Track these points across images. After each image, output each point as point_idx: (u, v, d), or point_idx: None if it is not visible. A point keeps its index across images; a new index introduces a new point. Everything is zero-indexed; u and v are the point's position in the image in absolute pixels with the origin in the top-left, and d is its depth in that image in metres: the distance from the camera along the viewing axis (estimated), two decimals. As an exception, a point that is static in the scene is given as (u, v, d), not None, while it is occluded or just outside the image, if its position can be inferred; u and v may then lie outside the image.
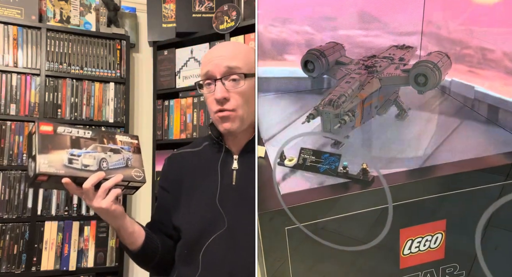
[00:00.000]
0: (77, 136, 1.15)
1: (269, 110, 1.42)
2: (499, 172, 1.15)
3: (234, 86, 1.14)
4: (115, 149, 1.18)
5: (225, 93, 1.13)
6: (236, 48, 1.19)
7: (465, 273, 1.16)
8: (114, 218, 1.15)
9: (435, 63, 1.18)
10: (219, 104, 1.14)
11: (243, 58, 1.16)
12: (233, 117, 1.15)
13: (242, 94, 1.14)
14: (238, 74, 1.13)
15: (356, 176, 1.19)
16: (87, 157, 1.12)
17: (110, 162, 1.16)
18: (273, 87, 1.55)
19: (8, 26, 2.66)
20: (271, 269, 1.15)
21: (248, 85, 1.15)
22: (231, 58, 1.14)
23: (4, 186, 2.60)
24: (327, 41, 1.37)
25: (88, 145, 1.15)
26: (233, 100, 1.14)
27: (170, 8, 2.94)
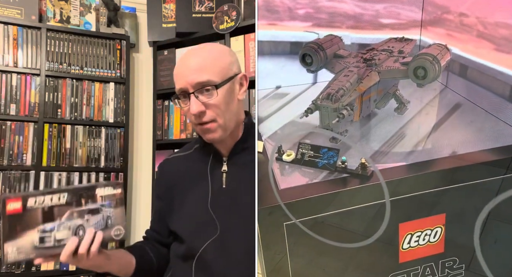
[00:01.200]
0: (50, 206, 1.05)
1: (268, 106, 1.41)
2: (499, 165, 1.15)
3: (209, 98, 1.11)
4: (93, 210, 1.09)
5: (201, 107, 1.10)
6: (204, 58, 1.14)
7: (464, 266, 1.15)
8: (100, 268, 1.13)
9: (434, 55, 1.17)
10: (197, 118, 1.12)
11: (212, 67, 1.12)
12: (214, 128, 1.13)
13: (219, 103, 1.11)
14: (210, 86, 1.10)
15: (355, 171, 1.19)
16: (61, 229, 1.03)
17: (88, 226, 1.07)
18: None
19: (8, 26, 2.66)
20: (271, 263, 1.15)
21: (223, 91, 1.12)
22: (200, 72, 1.11)
23: (4, 186, 2.60)
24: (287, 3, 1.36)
25: (62, 214, 1.05)
26: (209, 112, 1.11)
27: (170, 8, 2.94)
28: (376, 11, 1.54)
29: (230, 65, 1.16)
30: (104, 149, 2.85)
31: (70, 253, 1.01)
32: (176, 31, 2.84)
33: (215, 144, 1.20)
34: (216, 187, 1.17)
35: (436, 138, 1.27)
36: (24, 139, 2.64)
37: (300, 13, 1.53)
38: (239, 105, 1.19)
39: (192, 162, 1.26)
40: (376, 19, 1.54)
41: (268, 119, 1.39)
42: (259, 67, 1.44)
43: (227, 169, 1.18)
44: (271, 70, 1.49)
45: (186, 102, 1.13)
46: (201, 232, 1.15)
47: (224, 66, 1.14)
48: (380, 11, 1.54)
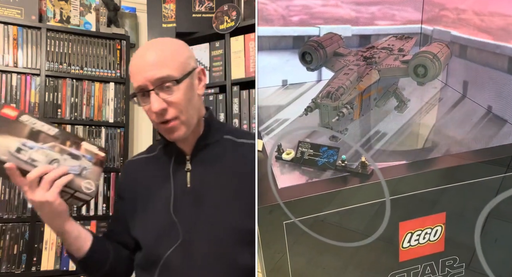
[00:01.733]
0: (39, 130, 1.06)
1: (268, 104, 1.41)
2: (499, 164, 1.14)
3: (170, 94, 1.05)
4: (74, 155, 1.08)
5: (162, 104, 1.04)
6: (162, 52, 1.08)
7: (465, 265, 1.15)
8: (57, 216, 1.05)
9: (435, 53, 1.16)
10: (160, 116, 1.06)
11: (171, 62, 1.07)
12: (178, 126, 1.08)
13: (180, 100, 1.06)
14: (171, 81, 1.05)
15: (355, 170, 1.18)
16: (39, 152, 1.04)
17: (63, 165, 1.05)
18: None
19: (8, 26, 2.66)
20: (271, 262, 1.14)
21: (184, 87, 1.07)
22: (159, 67, 1.05)
23: (4, 186, 2.59)
24: (280, 11, 1.36)
25: (47, 142, 1.06)
26: (172, 109, 1.06)
27: (170, 8, 2.93)
28: (372, 13, 1.54)
29: (188, 59, 1.10)
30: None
31: (38, 175, 1.00)
32: (176, 31, 2.84)
33: (177, 142, 1.15)
34: (180, 187, 1.12)
35: (436, 137, 1.27)
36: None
37: (294, 20, 1.53)
38: (199, 101, 1.14)
39: (155, 164, 1.20)
40: (371, 22, 1.54)
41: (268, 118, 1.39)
42: (263, 62, 1.42)
43: (191, 168, 1.13)
44: (276, 65, 1.47)
45: (146, 100, 1.07)
46: (163, 239, 1.09)
47: (183, 61, 1.09)
48: (375, 13, 1.54)
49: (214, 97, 2.63)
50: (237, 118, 2.52)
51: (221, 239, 1.05)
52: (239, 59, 2.58)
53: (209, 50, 2.72)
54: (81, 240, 1.10)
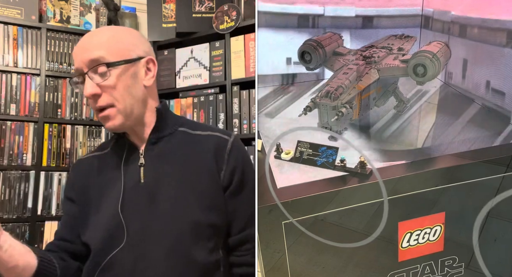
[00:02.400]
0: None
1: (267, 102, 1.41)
2: (499, 163, 1.14)
3: (103, 77, 0.99)
4: None
5: (94, 88, 0.98)
6: (99, 36, 1.03)
7: (464, 265, 1.14)
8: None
9: (434, 53, 1.16)
10: (94, 102, 1.00)
11: (106, 45, 1.01)
12: (113, 114, 1.01)
13: (113, 85, 0.99)
14: (101, 64, 0.99)
15: (354, 169, 1.18)
16: None
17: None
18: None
19: (8, 26, 2.66)
20: (270, 261, 1.14)
21: (120, 73, 1.01)
22: (93, 49, 0.99)
23: (4, 186, 2.59)
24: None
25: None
26: (105, 95, 0.99)
27: (170, 8, 2.93)
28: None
29: (131, 46, 1.04)
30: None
31: None
32: (176, 31, 2.84)
33: (129, 136, 1.09)
34: (131, 183, 1.04)
35: (435, 136, 1.26)
36: (24, 139, 2.64)
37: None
38: (147, 92, 1.07)
39: (107, 161, 1.12)
40: (375, 3, 1.50)
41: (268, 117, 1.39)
42: (267, 38, 1.39)
43: (144, 162, 1.06)
44: (280, 42, 1.44)
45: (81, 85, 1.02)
46: (108, 240, 1.01)
47: (123, 47, 1.03)
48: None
49: (214, 97, 2.63)
50: (237, 118, 2.52)
51: (177, 236, 0.99)
52: (239, 59, 2.58)
53: (209, 50, 2.73)
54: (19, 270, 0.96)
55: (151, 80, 1.07)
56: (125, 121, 1.02)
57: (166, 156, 1.06)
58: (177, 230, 0.99)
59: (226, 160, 1.05)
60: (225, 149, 1.06)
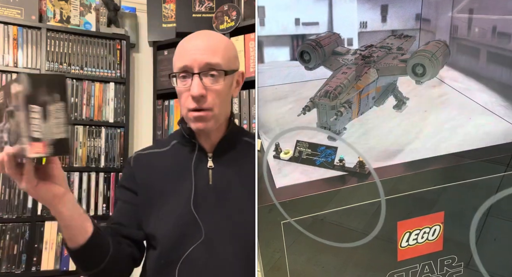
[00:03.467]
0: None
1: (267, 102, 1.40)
2: (499, 162, 1.14)
3: (213, 83, 1.05)
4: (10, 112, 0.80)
5: (203, 89, 1.04)
6: (216, 42, 1.09)
7: (463, 264, 1.14)
8: (47, 203, 0.92)
9: (433, 52, 1.16)
10: (195, 102, 1.05)
11: (223, 53, 1.08)
12: (209, 117, 1.07)
13: (220, 92, 1.07)
14: (218, 70, 1.05)
15: (353, 169, 1.18)
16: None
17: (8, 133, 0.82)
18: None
19: (8, 26, 2.66)
20: (270, 260, 1.14)
21: (227, 82, 1.09)
22: (211, 53, 1.05)
23: (4, 186, 2.60)
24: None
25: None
26: (210, 98, 1.06)
27: (170, 8, 2.94)
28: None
29: (235, 58, 1.14)
30: (104, 149, 2.85)
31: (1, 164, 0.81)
32: (176, 31, 2.85)
33: (199, 137, 1.14)
34: (201, 184, 1.11)
35: (435, 136, 1.26)
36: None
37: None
38: (230, 102, 1.17)
39: (171, 159, 1.17)
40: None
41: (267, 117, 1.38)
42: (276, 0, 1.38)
43: (214, 166, 1.13)
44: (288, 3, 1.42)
45: (185, 82, 1.06)
46: (184, 236, 1.07)
47: (232, 57, 1.11)
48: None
49: (214, 97, 2.63)
50: (237, 118, 2.52)
51: (244, 239, 1.06)
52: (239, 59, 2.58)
53: (209, 50, 2.73)
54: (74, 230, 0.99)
55: (237, 92, 1.17)
56: (215, 126, 1.11)
57: (233, 163, 1.14)
58: (243, 234, 1.06)
59: None
60: None
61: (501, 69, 1.24)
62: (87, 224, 1.00)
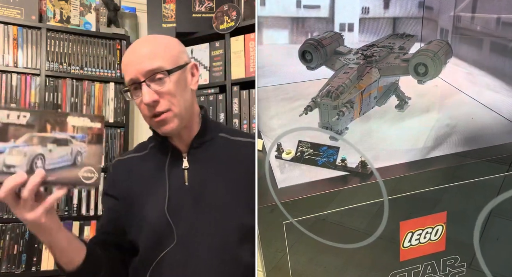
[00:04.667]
0: (5, 123, 0.82)
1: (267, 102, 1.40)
2: (501, 162, 1.14)
3: (161, 86, 1.04)
4: (60, 140, 0.86)
5: (154, 95, 1.03)
6: (153, 46, 1.08)
7: (466, 264, 1.14)
8: (44, 233, 0.91)
9: (435, 52, 1.16)
10: (152, 108, 1.05)
11: (162, 54, 1.06)
12: (170, 118, 1.06)
13: (173, 91, 1.05)
14: (162, 72, 1.04)
15: (355, 169, 1.18)
16: (13, 153, 0.81)
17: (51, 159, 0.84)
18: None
19: (8, 26, 2.66)
20: (272, 260, 1.14)
21: (176, 79, 1.06)
22: (150, 59, 1.04)
23: (3, 186, 2.59)
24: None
25: (19, 135, 0.83)
26: (163, 101, 1.05)
27: (170, 8, 2.93)
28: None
29: (180, 53, 1.11)
30: (104, 149, 2.85)
31: (12, 189, 0.80)
32: (176, 31, 2.84)
33: (172, 139, 1.14)
34: (177, 186, 1.09)
35: (437, 135, 1.26)
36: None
37: None
38: (192, 96, 1.13)
39: (149, 163, 1.16)
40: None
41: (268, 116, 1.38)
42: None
43: (189, 166, 1.11)
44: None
45: (137, 93, 1.06)
46: (157, 240, 1.06)
47: (175, 54, 1.09)
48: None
49: (214, 97, 2.62)
50: (237, 118, 2.52)
51: (224, 237, 1.05)
52: (239, 59, 2.58)
53: (209, 50, 2.72)
54: (70, 253, 1.00)
55: (196, 84, 1.14)
56: (180, 125, 1.08)
57: (208, 161, 1.12)
58: (224, 231, 1.05)
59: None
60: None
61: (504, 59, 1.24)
62: (78, 243, 1.02)
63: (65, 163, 0.86)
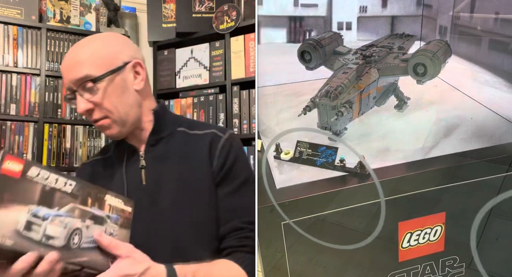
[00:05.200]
0: (53, 188, 0.79)
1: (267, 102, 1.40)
2: (501, 162, 1.14)
3: (92, 94, 0.99)
4: (98, 217, 0.84)
5: (86, 104, 0.99)
6: (79, 54, 1.01)
7: (465, 265, 1.14)
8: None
9: (434, 52, 1.16)
10: (89, 116, 1.02)
11: (89, 61, 1.00)
12: (109, 125, 1.02)
13: (102, 99, 1.00)
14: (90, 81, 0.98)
15: (354, 169, 1.18)
16: (56, 223, 0.76)
17: (86, 237, 0.81)
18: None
19: (8, 26, 2.65)
20: (271, 261, 1.14)
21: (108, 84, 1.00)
22: (77, 68, 0.99)
23: (3, 186, 2.59)
24: None
25: (63, 204, 0.80)
26: (97, 109, 1.00)
27: (170, 8, 2.93)
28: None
29: (115, 53, 1.03)
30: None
31: (23, 269, 0.72)
32: (176, 31, 2.84)
33: (130, 139, 1.09)
34: (133, 186, 1.05)
35: (436, 135, 1.26)
36: (24, 139, 2.64)
37: None
38: (139, 96, 1.06)
39: (110, 165, 1.12)
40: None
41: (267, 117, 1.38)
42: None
43: (146, 165, 1.07)
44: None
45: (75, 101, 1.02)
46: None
47: (106, 57, 1.01)
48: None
49: (214, 97, 2.62)
50: (237, 118, 2.52)
51: (181, 237, 1.00)
52: (239, 59, 2.58)
53: (209, 50, 2.72)
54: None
55: (141, 83, 1.06)
56: (122, 129, 1.04)
57: (165, 158, 1.07)
58: (180, 231, 1.00)
59: (217, 157, 1.05)
60: (218, 146, 1.06)
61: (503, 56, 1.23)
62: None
63: (97, 243, 0.83)
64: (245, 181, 1.06)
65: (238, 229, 1.02)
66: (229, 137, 1.08)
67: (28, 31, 2.70)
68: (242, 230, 1.02)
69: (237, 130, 2.48)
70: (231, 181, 1.05)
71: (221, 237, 1.03)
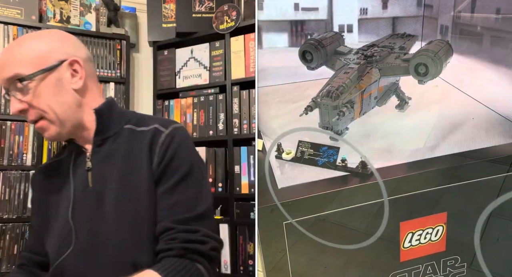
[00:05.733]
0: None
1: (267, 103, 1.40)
2: (502, 162, 1.14)
3: (24, 94, 0.96)
4: None
5: (19, 105, 0.96)
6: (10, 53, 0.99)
7: (466, 264, 1.14)
8: None
9: (436, 52, 1.16)
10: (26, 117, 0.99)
11: (19, 59, 0.96)
12: (46, 125, 0.99)
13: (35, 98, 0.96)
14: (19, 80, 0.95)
15: (355, 169, 1.18)
16: None
17: None
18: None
19: (8, 26, 2.65)
20: (272, 260, 1.14)
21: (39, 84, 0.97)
22: (8, 66, 0.96)
23: (4, 186, 2.58)
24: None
25: None
26: (31, 109, 0.97)
27: (170, 8, 2.93)
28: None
29: (48, 52, 0.99)
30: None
31: None
32: (176, 31, 2.84)
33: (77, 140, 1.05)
34: (80, 189, 1.01)
35: (437, 136, 1.26)
36: (24, 139, 2.63)
37: None
38: (79, 95, 1.02)
39: (62, 167, 1.08)
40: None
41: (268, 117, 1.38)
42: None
43: (92, 166, 1.02)
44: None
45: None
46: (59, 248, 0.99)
47: (38, 55, 0.97)
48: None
49: (214, 97, 2.62)
50: (237, 118, 2.51)
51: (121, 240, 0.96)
52: (239, 59, 2.58)
53: (209, 50, 2.72)
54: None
55: (79, 82, 1.01)
56: (61, 130, 1.00)
57: (111, 158, 1.02)
58: (121, 234, 0.96)
59: (157, 153, 1.00)
60: (158, 142, 1.01)
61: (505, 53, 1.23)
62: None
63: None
64: (184, 176, 1.00)
65: (167, 230, 0.96)
66: (170, 132, 1.02)
67: (28, 31, 2.70)
68: (170, 231, 0.95)
69: (237, 130, 2.48)
70: (168, 179, 0.99)
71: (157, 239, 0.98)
